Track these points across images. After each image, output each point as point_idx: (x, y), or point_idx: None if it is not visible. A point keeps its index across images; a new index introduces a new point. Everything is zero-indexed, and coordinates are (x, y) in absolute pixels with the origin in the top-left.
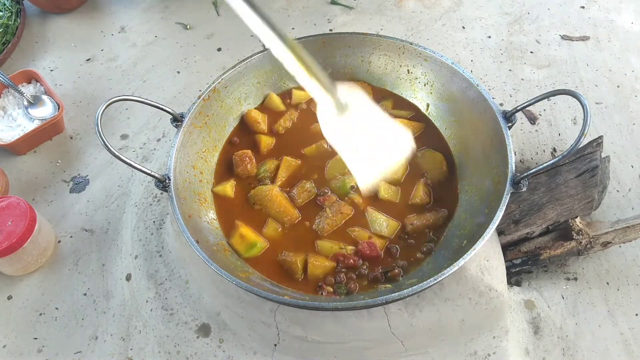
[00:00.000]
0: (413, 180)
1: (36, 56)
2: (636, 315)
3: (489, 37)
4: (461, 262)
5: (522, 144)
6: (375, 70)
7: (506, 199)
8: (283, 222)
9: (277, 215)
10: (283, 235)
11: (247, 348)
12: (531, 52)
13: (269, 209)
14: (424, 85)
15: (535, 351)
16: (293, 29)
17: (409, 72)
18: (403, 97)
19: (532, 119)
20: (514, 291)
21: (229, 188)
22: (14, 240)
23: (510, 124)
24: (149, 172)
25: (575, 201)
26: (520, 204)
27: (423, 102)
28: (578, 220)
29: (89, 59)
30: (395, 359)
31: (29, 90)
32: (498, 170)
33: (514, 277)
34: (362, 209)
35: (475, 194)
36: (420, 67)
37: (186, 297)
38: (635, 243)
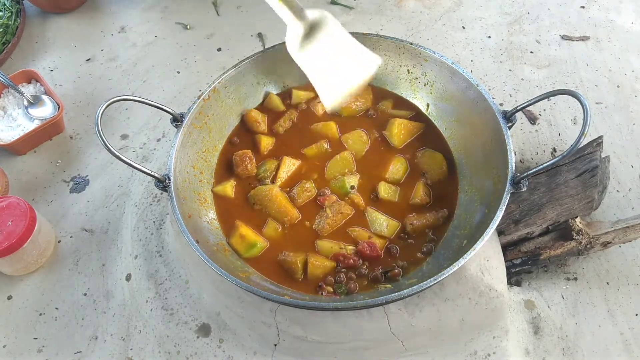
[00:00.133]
0: (413, 180)
1: (36, 56)
2: (636, 315)
3: (489, 37)
4: (461, 262)
5: (522, 144)
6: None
7: (506, 199)
8: (283, 222)
9: (277, 215)
10: (283, 235)
11: (247, 348)
12: (531, 52)
13: (269, 209)
14: (424, 85)
15: (535, 351)
16: None
17: (409, 72)
18: (403, 97)
19: (532, 119)
20: (514, 291)
21: (229, 188)
22: (14, 240)
23: (510, 124)
24: (149, 172)
25: (575, 201)
26: (520, 204)
27: (423, 102)
28: (578, 220)
29: (89, 59)
30: (395, 359)
31: (29, 90)
32: (498, 170)
33: (514, 277)
34: (362, 209)
35: (475, 194)
36: (420, 67)
37: (186, 297)
38: (635, 243)
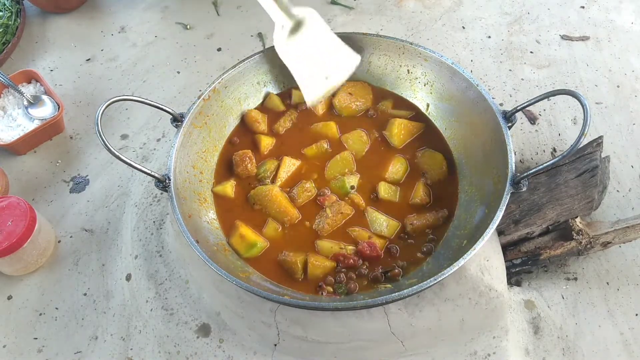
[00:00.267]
0: (413, 180)
1: (36, 56)
2: (636, 315)
3: (489, 37)
4: (461, 262)
5: (522, 144)
6: (375, 70)
7: (506, 199)
8: (283, 222)
9: (277, 215)
10: (283, 235)
11: (247, 348)
12: (531, 52)
13: (269, 209)
14: (424, 85)
15: (535, 351)
16: None
17: (409, 72)
18: (403, 97)
19: (532, 119)
20: (514, 291)
21: (229, 188)
22: (14, 240)
23: (510, 124)
24: (149, 172)
25: (575, 201)
26: (520, 204)
27: (423, 102)
28: (578, 220)
29: (89, 59)
30: (395, 359)
31: (29, 90)
32: (498, 170)
33: (514, 277)
34: (362, 209)
35: (475, 194)
36: (420, 67)
37: (186, 297)
38: (635, 243)
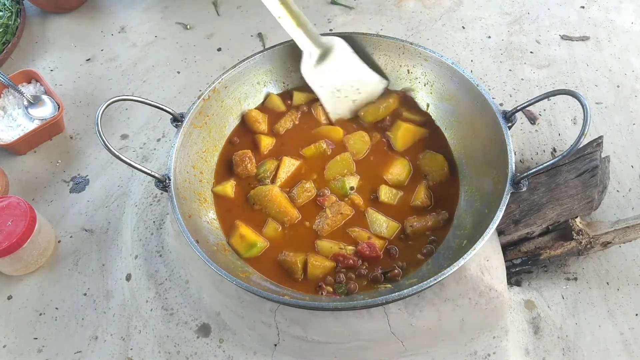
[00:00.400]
0: (414, 182)
1: (36, 56)
2: (636, 315)
3: (489, 37)
4: (461, 262)
5: (522, 144)
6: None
7: (506, 199)
8: (283, 222)
9: (277, 215)
10: (283, 235)
11: (247, 348)
12: (531, 52)
13: (269, 209)
14: (424, 85)
15: (535, 351)
16: None
17: (409, 72)
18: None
19: (532, 119)
20: (514, 291)
21: (229, 188)
22: (14, 240)
23: (510, 124)
24: (149, 172)
25: (575, 201)
26: (520, 204)
27: (423, 102)
28: (578, 220)
29: (89, 59)
30: (395, 359)
31: (29, 90)
32: (498, 170)
33: (514, 277)
34: (363, 210)
35: (475, 194)
36: (420, 67)
37: (186, 297)
38: (635, 243)
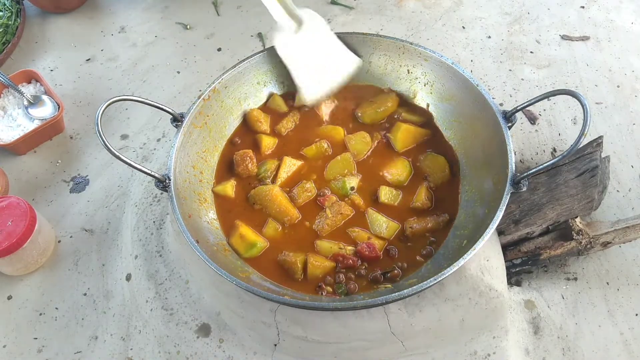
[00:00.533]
0: (415, 183)
1: (36, 56)
2: (636, 315)
3: (489, 37)
4: (461, 262)
5: (522, 144)
6: (375, 70)
7: (506, 199)
8: (283, 222)
9: (277, 215)
10: (283, 235)
11: (247, 348)
12: (531, 52)
13: (269, 209)
14: (424, 85)
15: (535, 351)
16: None
17: (409, 72)
18: (405, 96)
19: (532, 119)
20: (514, 291)
21: (229, 188)
22: (14, 240)
23: (510, 124)
24: (149, 172)
25: (575, 201)
26: (520, 204)
27: (423, 102)
28: (578, 220)
29: (89, 59)
30: (395, 359)
31: (29, 90)
32: (498, 170)
33: (514, 277)
34: (363, 210)
35: (475, 194)
36: (420, 67)
37: (186, 297)
38: (635, 243)
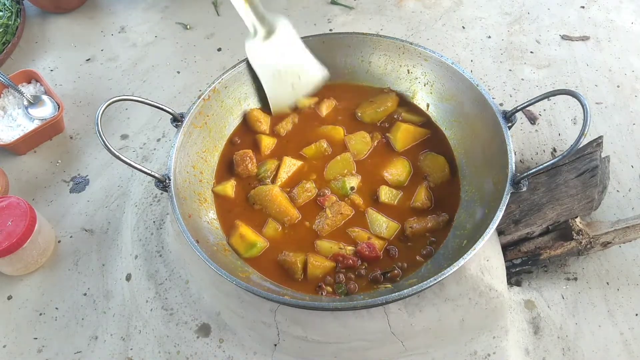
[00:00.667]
0: (415, 183)
1: (36, 56)
2: (636, 315)
3: (489, 37)
4: (461, 262)
5: (522, 144)
6: (375, 70)
7: (506, 199)
8: (283, 222)
9: (277, 215)
10: (283, 235)
11: (247, 348)
12: (531, 52)
13: (269, 209)
14: (424, 85)
15: (535, 351)
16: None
17: (409, 72)
18: (405, 95)
19: (532, 119)
20: (514, 291)
21: (229, 188)
22: (14, 240)
23: (510, 124)
24: (149, 172)
25: (575, 201)
26: (520, 204)
27: (423, 102)
28: (578, 220)
29: (89, 59)
30: (395, 359)
31: (29, 90)
32: (498, 170)
33: (514, 277)
34: (363, 210)
35: (475, 194)
36: (420, 67)
37: (186, 297)
38: (635, 243)
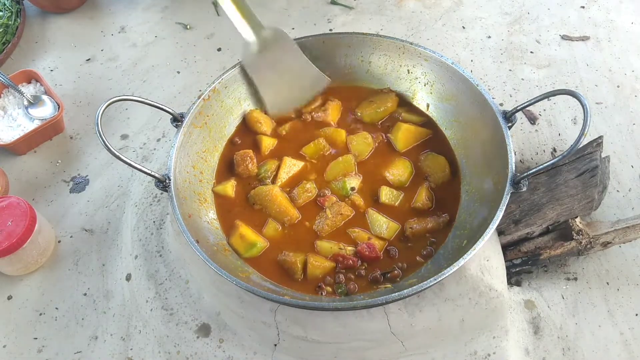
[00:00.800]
0: (416, 184)
1: (36, 56)
2: (636, 315)
3: (489, 37)
4: (461, 262)
5: (522, 144)
6: (375, 70)
7: (506, 199)
8: (283, 222)
9: (277, 215)
10: (283, 235)
11: (247, 348)
12: (531, 52)
13: (269, 209)
14: (424, 85)
15: (535, 351)
16: (293, 29)
17: (409, 72)
18: (405, 95)
19: (532, 119)
20: (514, 291)
21: (230, 188)
22: (14, 240)
23: (510, 124)
24: (149, 172)
25: (575, 201)
26: (520, 204)
27: (423, 102)
28: (578, 220)
29: (89, 59)
30: (395, 359)
31: (29, 90)
32: (498, 170)
33: (514, 277)
34: (363, 211)
35: (475, 194)
36: (420, 67)
37: (186, 297)
38: (635, 243)
